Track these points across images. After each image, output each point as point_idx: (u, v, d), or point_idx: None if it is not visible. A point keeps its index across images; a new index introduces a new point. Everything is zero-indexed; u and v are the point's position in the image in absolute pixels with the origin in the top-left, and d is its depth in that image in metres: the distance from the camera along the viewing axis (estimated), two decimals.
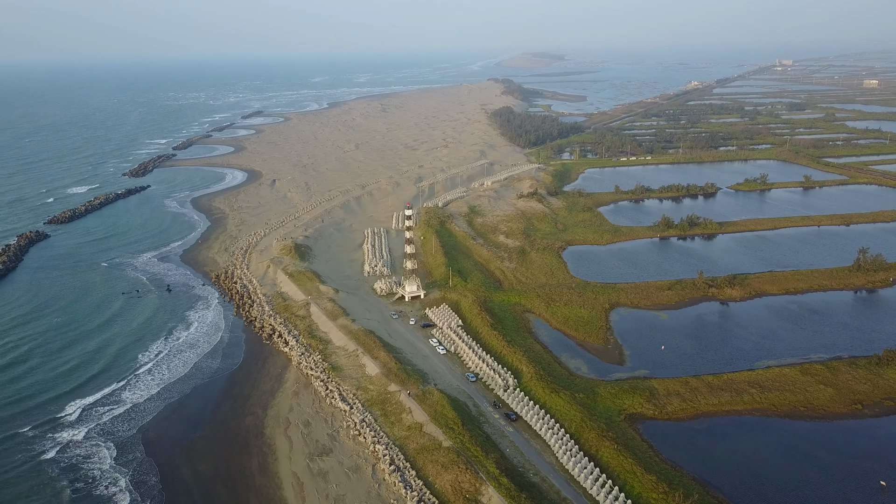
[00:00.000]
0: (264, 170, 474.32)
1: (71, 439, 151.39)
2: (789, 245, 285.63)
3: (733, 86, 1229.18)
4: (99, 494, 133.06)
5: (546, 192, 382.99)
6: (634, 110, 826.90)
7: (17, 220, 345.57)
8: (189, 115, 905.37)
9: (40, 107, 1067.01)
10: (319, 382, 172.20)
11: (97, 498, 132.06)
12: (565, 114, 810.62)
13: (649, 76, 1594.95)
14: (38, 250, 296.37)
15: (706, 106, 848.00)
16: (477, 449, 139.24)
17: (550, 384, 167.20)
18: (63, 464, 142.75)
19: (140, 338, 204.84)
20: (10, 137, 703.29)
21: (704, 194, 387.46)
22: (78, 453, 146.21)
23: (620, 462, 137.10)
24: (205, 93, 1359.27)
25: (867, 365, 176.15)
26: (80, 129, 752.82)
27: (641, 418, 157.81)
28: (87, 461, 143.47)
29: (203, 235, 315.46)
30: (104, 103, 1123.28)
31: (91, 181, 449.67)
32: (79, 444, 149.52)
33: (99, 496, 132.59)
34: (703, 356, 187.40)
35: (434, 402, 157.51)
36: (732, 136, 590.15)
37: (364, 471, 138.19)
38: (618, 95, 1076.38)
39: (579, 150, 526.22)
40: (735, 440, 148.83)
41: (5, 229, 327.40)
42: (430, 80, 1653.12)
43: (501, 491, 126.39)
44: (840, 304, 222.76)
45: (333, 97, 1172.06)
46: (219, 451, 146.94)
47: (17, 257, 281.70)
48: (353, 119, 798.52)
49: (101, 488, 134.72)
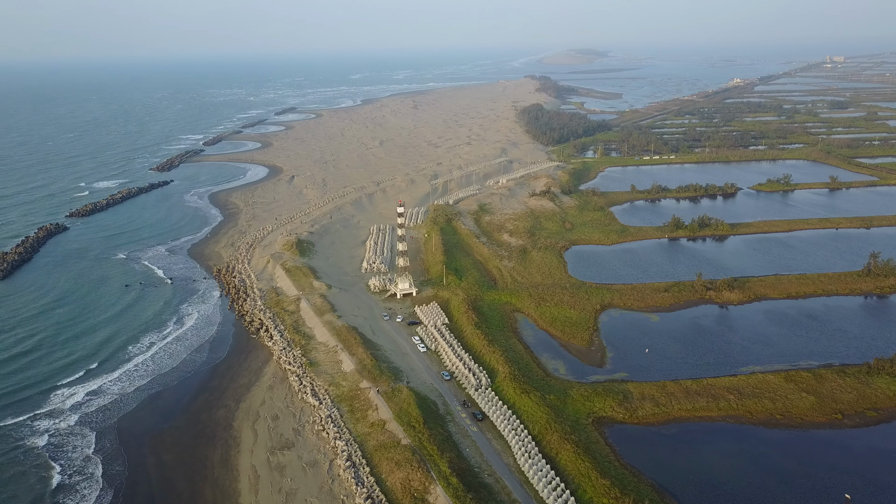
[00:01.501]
0: (286, 166, 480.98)
1: (50, 428, 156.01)
2: (801, 248, 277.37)
3: (777, 83, 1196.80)
4: (65, 483, 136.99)
5: (560, 190, 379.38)
6: (668, 108, 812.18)
7: (43, 213, 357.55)
8: (225, 111, 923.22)
9: (85, 103, 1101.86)
10: (295, 377, 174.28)
11: (63, 486, 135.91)
12: (596, 111, 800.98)
13: (691, 73, 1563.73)
14: (54, 242, 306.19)
15: (743, 104, 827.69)
16: (433, 448, 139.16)
17: (522, 385, 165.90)
18: (38, 452, 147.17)
19: (135, 330, 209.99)
20: (54, 131, 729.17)
21: (724, 195, 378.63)
22: (53, 442, 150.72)
23: (577, 465, 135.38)
24: (244, 89, 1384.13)
25: (856, 373, 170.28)
26: (119, 125, 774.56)
27: (610, 422, 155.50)
28: (61, 450, 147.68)
29: (214, 230, 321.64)
30: (145, 99, 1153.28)
31: (119, 176, 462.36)
32: (57, 434, 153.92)
33: (65, 484, 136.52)
34: (687, 360, 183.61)
35: (401, 399, 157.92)
36: (764, 135, 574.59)
37: (321, 466, 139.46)
38: (655, 93, 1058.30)
39: (602, 149, 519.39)
40: (703, 447, 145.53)
41: (30, 221, 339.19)
42: (468, 77, 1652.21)
43: (449, 491, 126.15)
44: (843, 309, 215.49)
45: (368, 94, 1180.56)
46: (185, 442, 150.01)
47: (33, 249, 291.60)
48: (383, 116, 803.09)
49: (68, 476, 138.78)
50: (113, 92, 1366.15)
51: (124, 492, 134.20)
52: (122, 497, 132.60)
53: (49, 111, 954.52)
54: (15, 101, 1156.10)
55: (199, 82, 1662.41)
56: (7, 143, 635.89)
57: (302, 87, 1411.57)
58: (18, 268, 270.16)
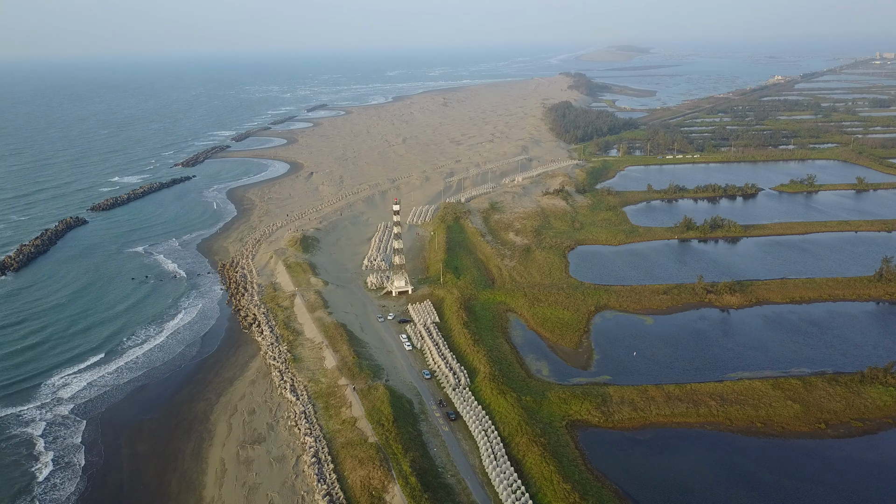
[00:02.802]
0: (307, 162, 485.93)
1: (36, 418, 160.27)
2: (814, 251, 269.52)
3: (820, 80, 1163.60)
4: (37, 470, 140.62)
5: (574, 189, 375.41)
6: (701, 106, 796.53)
7: (67, 207, 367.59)
8: (258, 107, 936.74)
9: (124, 99, 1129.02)
10: (277, 373, 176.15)
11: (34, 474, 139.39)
12: (626, 109, 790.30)
13: (732, 70, 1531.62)
14: (72, 235, 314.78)
15: (780, 102, 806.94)
16: (398, 446, 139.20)
17: (500, 385, 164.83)
18: (19, 441, 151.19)
19: (133, 323, 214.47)
20: (92, 125, 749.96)
21: (743, 195, 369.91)
22: (34, 432, 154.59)
23: (542, 469, 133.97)
24: (280, 86, 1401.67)
25: (848, 382, 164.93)
26: (153, 121, 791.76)
27: (584, 425, 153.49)
28: (40, 440, 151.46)
29: (226, 225, 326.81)
30: (183, 96, 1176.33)
31: (145, 171, 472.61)
32: (39, 424, 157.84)
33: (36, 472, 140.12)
34: (675, 365, 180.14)
35: (375, 397, 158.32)
36: (796, 134, 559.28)
37: (288, 461, 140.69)
38: (690, 90, 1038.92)
39: (626, 147, 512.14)
40: (675, 454, 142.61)
41: (53, 215, 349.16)
42: (503, 74, 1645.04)
43: (406, 490, 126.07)
44: (847, 315, 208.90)
45: (401, 91, 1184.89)
46: (162, 434, 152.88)
47: (51, 241, 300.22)
48: (411, 113, 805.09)
49: (42, 464, 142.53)
50: (153, 89, 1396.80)
51: (95, 481, 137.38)
52: (91, 486, 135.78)
53: (89, 107, 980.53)
54: (57, 98, 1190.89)
55: (238, 79, 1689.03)
56: (48, 137, 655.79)
57: (337, 84, 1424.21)
58: (33, 260, 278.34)
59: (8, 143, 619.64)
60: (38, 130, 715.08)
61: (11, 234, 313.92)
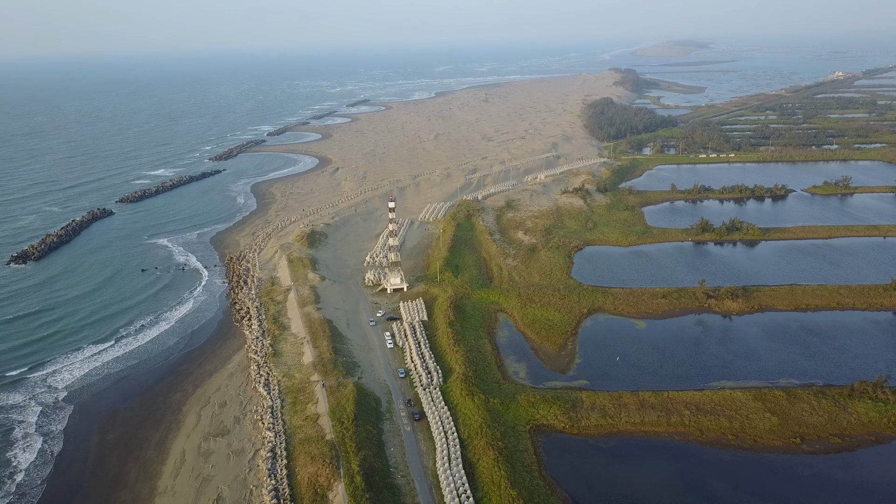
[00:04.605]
0: (335, 158, 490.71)
1: (18, 404, 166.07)
2: (834, 257, 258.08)
3: (883, 77, 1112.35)
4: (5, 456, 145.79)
5: (595, 188, 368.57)
6: (749, 103, 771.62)
7: (97, 199, 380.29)
8: (300, 102, 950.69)
9: (174, 94, 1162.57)
10: (255, 366, 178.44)
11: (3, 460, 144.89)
12: (670, 106, 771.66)
13: (791, 66, 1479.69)
14: (97, 226, 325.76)
15: (833, 99, 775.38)
16: (352, 445, 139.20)
17: (471, 387, 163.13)
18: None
19: (133, 314, 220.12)
20: (140, 119, 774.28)
21: (772, 196, 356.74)
22: (13, 417, 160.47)
23: (492, 473, 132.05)
24: (329, 81, 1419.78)
25: (836, 396, 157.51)
26: (197, 116, 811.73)
27: (549, 430, 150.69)
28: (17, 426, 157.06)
29: (243, 219, 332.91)
30: (231, 91, 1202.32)
31: (179, 164, 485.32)
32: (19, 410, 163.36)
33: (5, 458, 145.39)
34: (659, 371, 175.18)
35: (342, 395, 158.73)
36: (843, 134, 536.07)
37: (246, 455, 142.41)
38: (742, 87, 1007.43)
39: (659, 146, 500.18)
40: (636, 463, 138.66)
41: (82, 206, 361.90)
42: (551, 70, 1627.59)
43: (349, 489, 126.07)
44: (853, 325, 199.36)
45: (446, 87, 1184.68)
46: (133, 423, 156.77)
47: (75, 232, 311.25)
48: (450, 109, 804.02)
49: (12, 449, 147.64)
50: (203, 83, 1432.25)
51: (60, 467, 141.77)
52: (55, 472, 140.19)
53: (137, 103, 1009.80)
54: (111, 93, 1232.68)
55: (290, 74, 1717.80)
56: (99, 131, 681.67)
57: (385, 80, 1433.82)
58: (56, 249, 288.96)
59: (63, 136, 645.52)
60: (87, 123, 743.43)
61: (41, 224, 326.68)
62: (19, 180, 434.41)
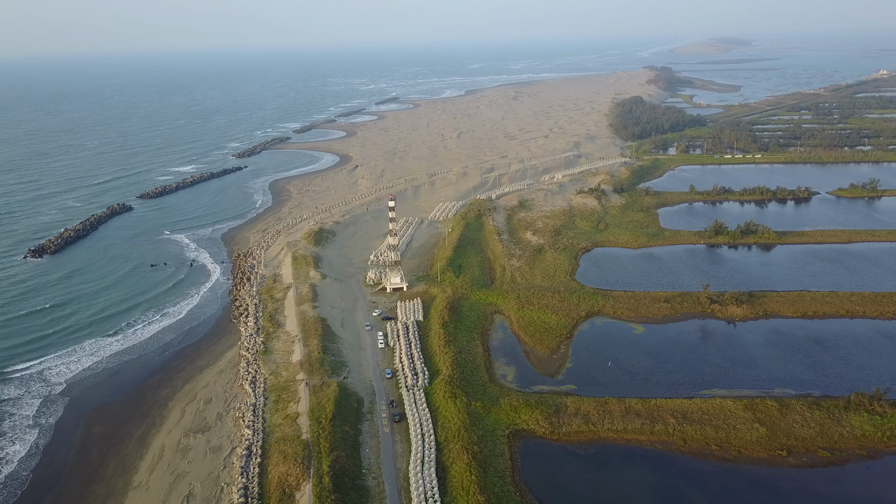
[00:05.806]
0: (356, 155, 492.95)
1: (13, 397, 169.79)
2: (851, 262, 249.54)
3: None
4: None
5: (612, 188, 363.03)
6: (784, 102, 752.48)
7: (120, 195, 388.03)
8: (330, 100, 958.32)
9: (207, 91, 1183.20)
10: (244, 363, 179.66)
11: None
12: (703, 105, 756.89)
13: (834, 64, 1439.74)
14: (115, 221, 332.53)
15: (873, 99, 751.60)
16: (326, 445, 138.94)
17: (454, 389, 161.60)
18: None
19: (137, 309, 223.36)
20: (171, 116, 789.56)
21: (794, 199, 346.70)
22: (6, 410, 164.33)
23: (463, 478, 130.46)
24: (362, 79, 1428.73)
25: (831, 407, 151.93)
26: (229, 113, 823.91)
27: (528, 436, 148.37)
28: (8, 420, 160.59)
29: (257, 216, 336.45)
30: (262, 89, 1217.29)
31: (203, 161, 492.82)
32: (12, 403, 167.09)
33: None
34: (650, 378, 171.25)
35: (324, 394, 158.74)
36: (879, 134, 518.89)
37: (222, 453, 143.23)
38: (779, 85, 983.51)
39: (684, 145, 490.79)
40: (613, 472, 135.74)
41: (104, 202, 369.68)
42: (587, 68, 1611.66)
43: (315, 489, 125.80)
44: (860, 334, 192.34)
45: (478, 84, 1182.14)
46: (120, 417, 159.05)
47: (93, 227, 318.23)
48: (478, 107, 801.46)
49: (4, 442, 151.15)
50: (237, 81, 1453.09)
51: (44, 460, 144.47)
52: (37, 464, 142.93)
53: (170, 100, 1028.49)
54: (146, 91, 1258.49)
55: (325, 71, 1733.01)
56: (131, 128, 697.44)
57: (417, 77, 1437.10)
58: (73, 244, 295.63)
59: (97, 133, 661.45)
60: (121, 119, 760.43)
61: (61, 219, 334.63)
62: (50, 175, 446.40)
